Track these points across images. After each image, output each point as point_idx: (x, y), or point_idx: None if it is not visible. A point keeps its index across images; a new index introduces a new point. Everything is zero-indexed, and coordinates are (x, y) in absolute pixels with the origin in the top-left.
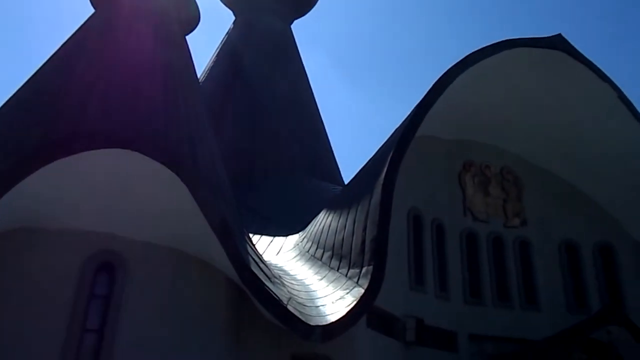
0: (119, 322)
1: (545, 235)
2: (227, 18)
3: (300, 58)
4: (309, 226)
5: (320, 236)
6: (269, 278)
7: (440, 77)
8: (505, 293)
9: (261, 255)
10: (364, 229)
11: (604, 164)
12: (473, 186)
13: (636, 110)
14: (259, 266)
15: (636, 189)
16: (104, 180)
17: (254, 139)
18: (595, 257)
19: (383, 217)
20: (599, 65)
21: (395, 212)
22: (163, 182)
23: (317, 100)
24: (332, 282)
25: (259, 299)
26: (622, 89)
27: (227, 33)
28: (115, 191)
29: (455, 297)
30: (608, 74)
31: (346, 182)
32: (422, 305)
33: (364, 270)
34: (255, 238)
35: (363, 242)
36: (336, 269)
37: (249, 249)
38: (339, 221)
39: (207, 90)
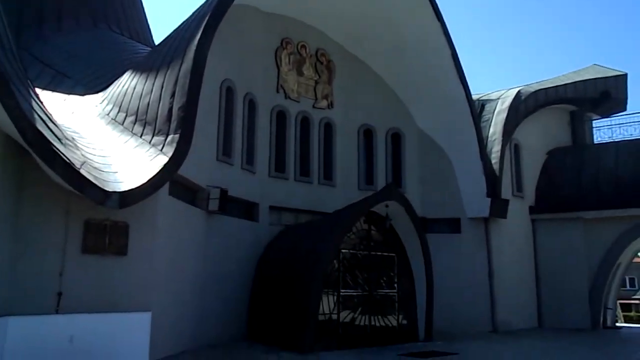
0: None
1: (348, 119)
2: None
3: None
4: (111, 87)
5: (123, 99)
6: (59, 139)
7: None
8: (307, 169)
9: (51, 115)
10: (172, 96)
11: (404, 57)
12: (288, 64)
13: (439, 11)
14: (47, 125)
15: (425, 81)
16: None
17: None
18: (387, 142)
19: (193, 85)
20: None
21: (206, 82)
22: None
23: None
24: (134, 148)
25: (47, 162)
26: None
27: None
28: None
29: (260, 171)
30: None
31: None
32: (227, 177)
33: (169, 138)
34: (44, 94)
35: (170, 109)
36: (139, 135)
37: (35, 106)
38: (144, 85)
39: None
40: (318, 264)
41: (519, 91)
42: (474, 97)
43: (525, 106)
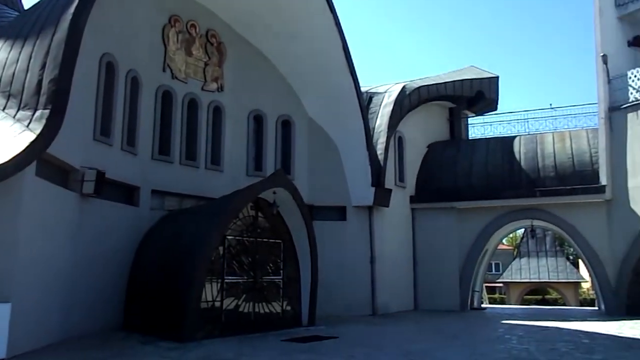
0: None
1: (238, 104)
2: None
3: None
4: None
5: None
6: None
7: None
8: (193, 153)
9: None
10: (42, 67)
11: (296, 45)
12: (176, 43)
13: (331, 2)
14: None
15: (316, 71)
16: None
17: None
18: (277, 129)
19: (67, 57)
20: None
21: (83, 54)
22: None
23: None
24: None
25: None
26: None
27: None
28: None
29: (142, 153)
30: None
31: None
32: (105, 158)
33: (37, 113)
34: None
35: (40, 81)
36: (1, 108)
37: None
38: (9, 53)
39: None
40: (201, 250)
41: (404, 86)
42: (363, 89)
43: (409, 101)
